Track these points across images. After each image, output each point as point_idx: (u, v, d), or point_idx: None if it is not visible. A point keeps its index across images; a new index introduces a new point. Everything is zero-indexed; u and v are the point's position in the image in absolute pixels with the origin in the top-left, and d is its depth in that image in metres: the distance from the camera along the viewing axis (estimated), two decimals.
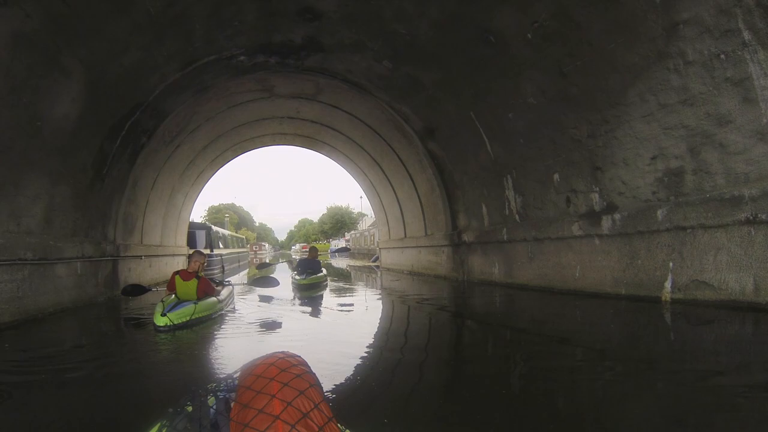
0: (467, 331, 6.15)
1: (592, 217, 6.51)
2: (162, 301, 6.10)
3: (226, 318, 6.69)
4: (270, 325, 6.28)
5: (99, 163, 8.11)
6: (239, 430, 1.26)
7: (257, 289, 9.62)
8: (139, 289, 7.65)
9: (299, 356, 1.54)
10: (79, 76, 6.62)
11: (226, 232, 27.76)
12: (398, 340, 5.67)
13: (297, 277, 11.58)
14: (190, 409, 1.52)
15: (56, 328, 6.35)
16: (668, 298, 5.37)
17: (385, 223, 18.23)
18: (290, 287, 11.40)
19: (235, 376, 1.57)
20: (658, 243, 5.54)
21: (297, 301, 9.25)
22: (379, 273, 17.60)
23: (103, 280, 8.74)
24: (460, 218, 11.10)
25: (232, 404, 1.39)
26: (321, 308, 8.51)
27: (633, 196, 5.93)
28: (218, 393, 1.58)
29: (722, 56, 4.53)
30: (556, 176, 7.28)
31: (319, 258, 13.85)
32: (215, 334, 5.75)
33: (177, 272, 6.53)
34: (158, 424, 1.47)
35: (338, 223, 77.82)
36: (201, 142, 13.10)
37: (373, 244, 37.34)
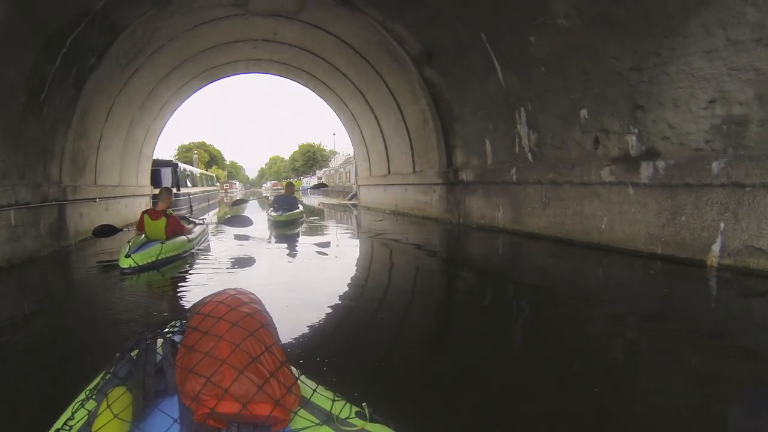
0: (461, 282, 5.56)
1: (628, 162, 5.69)
2: (129, 242, 5.91)
3: (197, 257, 6.56)
4: (240, 264, 6.18)
5: (34, 86, 6.55)
6: (183, 375, 1.16)
7: (230, 228, 9.12)
8: (110, 230, 7.32)
9: (252, 293, 1.47)
10: None
11: (195, 169, 26.09)
12: (380, 282, 5.43)
13: (273, 214, 11.13)
14: (135, 354, 1.35)
15: None
16: (714, 263, 4.73)
17: (365, 158, 17.15)
18: (265, 225, 10.99)
19: (187, 315, 1.46)
20: (708, 199, 4.81)
21: (272, 240, 8.98)
22: (356, 212, 16.88)
23: (47, 229, 7.25)
24: (457, 154, 10.18)
25: (179, 347, 1.28)
26: (296, 247, 8.28)
27: (681, 142, 5.11)
28: (167, 335, 1.44)
29: None
30: (583, 112, 6.34)
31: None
32: (181, 275, 5.58)
33: (146, 211, 6.40)
34: (102, 373, 1.34)
35: (310, 160, 76.30)
36: (164, 67, 11.37)
37: (348, 181, 36.27)
